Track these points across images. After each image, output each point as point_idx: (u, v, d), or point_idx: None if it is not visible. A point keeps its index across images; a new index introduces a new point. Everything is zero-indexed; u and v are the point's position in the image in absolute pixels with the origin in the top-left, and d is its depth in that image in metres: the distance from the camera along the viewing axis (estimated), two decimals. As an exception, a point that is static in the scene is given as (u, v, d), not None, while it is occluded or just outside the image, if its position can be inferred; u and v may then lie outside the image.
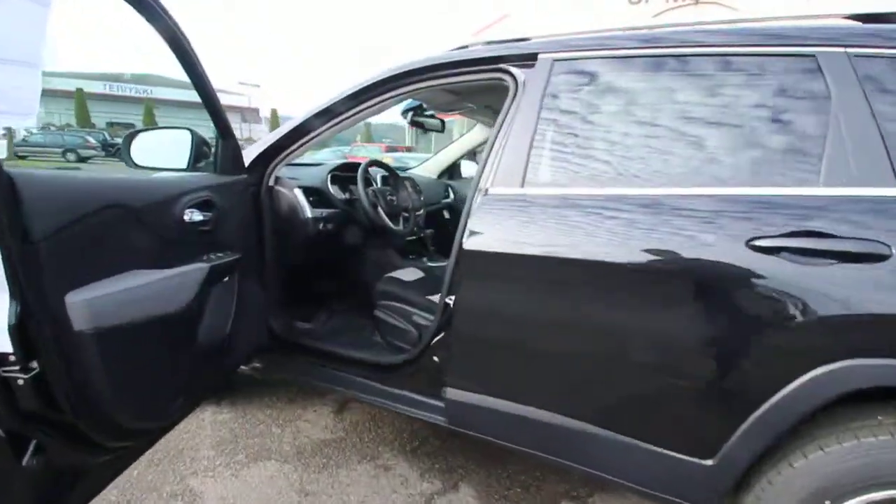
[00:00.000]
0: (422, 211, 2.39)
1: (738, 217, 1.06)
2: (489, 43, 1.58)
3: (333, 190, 2.08)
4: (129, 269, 1.08)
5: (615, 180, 1.24)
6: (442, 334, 1.48)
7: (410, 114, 2.24)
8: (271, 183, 1.82)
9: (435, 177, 3.18)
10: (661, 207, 1.13)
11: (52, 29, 0.83)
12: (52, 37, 0.84)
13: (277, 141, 1.74)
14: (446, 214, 3.10)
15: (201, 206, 1.35)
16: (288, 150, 1.76)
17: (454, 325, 1.40)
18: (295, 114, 1.87)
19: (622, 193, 1.20)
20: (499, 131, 1.42)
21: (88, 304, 0.96)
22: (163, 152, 1.53)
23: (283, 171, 1.86)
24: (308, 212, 1.88)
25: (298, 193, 1.88)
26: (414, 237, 2.45)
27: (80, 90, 31.44)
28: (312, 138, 1.74)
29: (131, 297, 1.05)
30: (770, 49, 1.14)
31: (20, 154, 18.36)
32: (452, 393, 1.44)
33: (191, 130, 1.52)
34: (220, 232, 1.44)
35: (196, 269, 1.26)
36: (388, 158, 11.76)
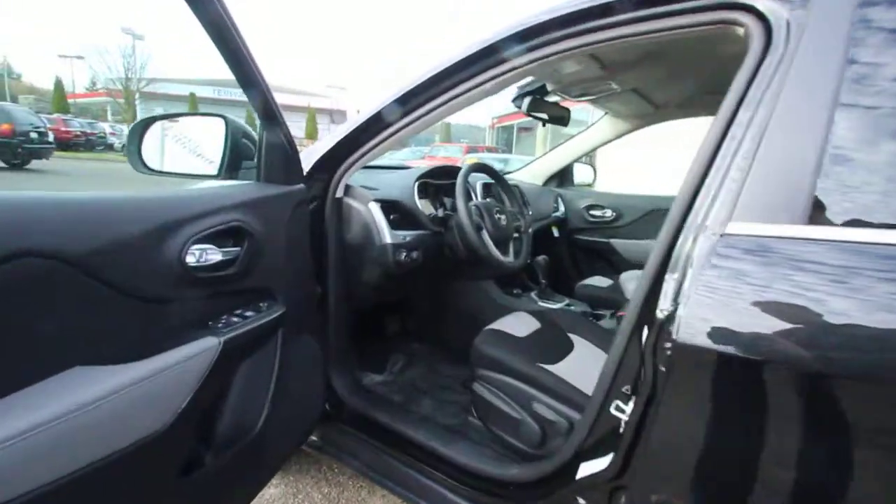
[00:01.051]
0: (530, 230, 1.75)
1: None
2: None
3: (422, 205, 1.52)
4: (61, 367, 0.58)
5: None
6: (611, 454, 0.85)
7: (528, 100, 1.62)
8: (340, 194, 1.31)
9: (541, 183, 2.53)
10: None
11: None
12: None
13: (350, 134, 1.21)
14: (555, 232, 2.44)
15: (222, 237, 0.84)
16: (364, 149, 1.23)
17: (652, 455, 0.77)
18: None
19: None
20: (732, 118, 0.75)
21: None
22: (183, 151, 1.06)
23: (356, 177, 1.34)
24: (387, 235, 1.34)
25: (375, 210, 1.34)
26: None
27: (192, 94, 34.85)
28: (395, 132, 1.19)
29: (57, 437, 0.54)
30: None
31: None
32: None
33: (225, 118, 1.03)
34: (256, 274, 0.93)
35: (196, 354, 0.74)
36: (473, 159, 11.25)
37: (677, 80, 1.61)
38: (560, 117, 1.76)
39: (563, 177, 2.57)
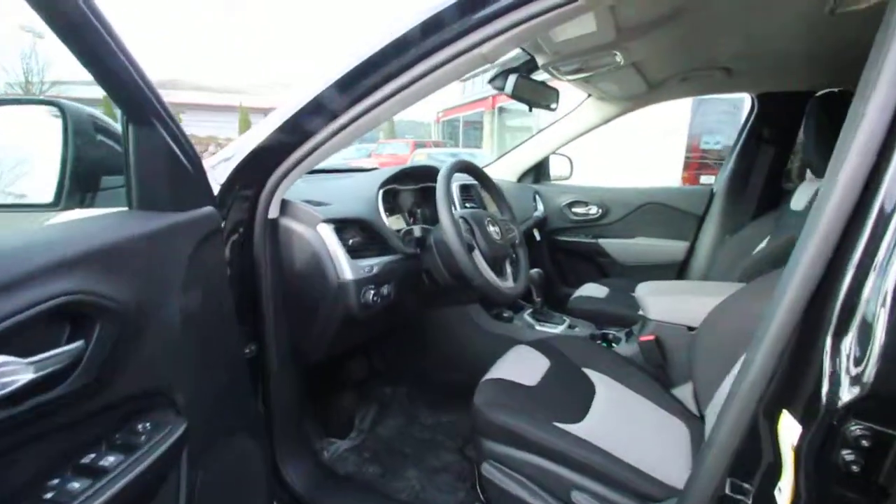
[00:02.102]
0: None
1: None
2: None
3: (390, 221, 1.15)
4: None
5: None
6: None
7: (513, 79, 1.28)
8: (274, 213, 0.91)
9: (515, 180, 2.22)
10: None
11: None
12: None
13: (281, 130, 0.82)
14: (536, 235, 2.14)
15: (39, 329, 0.44)
16: (303, 150, 0.84)
17: None
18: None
19: None
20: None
21: None
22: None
23: (296, 188, 0.94)
24: (347, 269, 0.96)
25: (327, 234, 0.96)
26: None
27: (106, 98, 31.66)
28: (345, 125, 0.82)
29: None
30: None
31: None
32: None
33: (61, 106, 0.61)
34: (126, 377, 0.53)
35: None
36: (422, 156, 10.77)
37: (693, 48, 1.34)
38: (548, 100, 1.44)
39: (538, 171, 2.26)
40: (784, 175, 1.74)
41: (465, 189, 1.47)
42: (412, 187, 1.29)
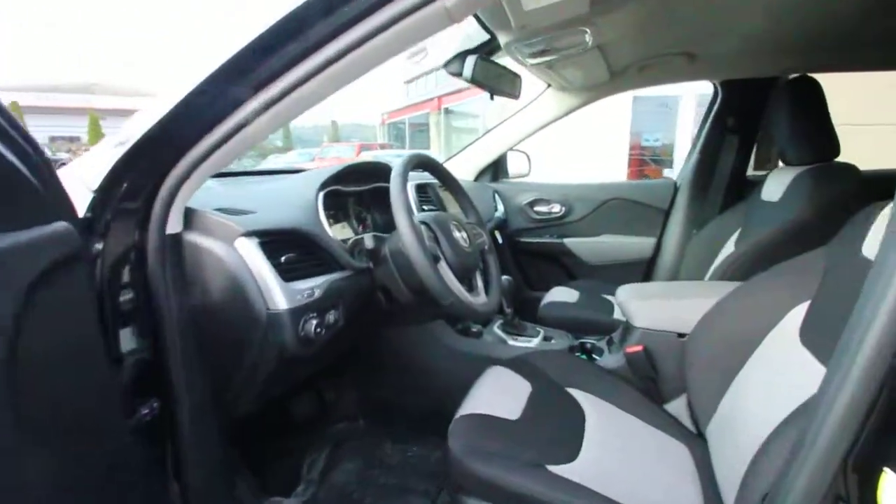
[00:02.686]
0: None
1: None
2: None
3: (335, 231, 0.94)
4: None
5: None
6: None
7: (472, 61, 1.11)
8: (176, 227, 0.68)
9: (472, 179, 2.05)
10: None
11: None
12: None
13: (174, 120, 0.59)
14: (498, 238, 1.98)
15: None
16: (207, 144, 0.61)
17: None
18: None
19: None
20: None
21: None
22: None
23: (204, 192, 0.71)
24: (279, 296, 0.74)
25: (249, 251, 0.73)
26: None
27: (14, 103, 28.51)
28: (264, 108, 0.60)
29: None
30: None
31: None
32: None
33: None
34: None
35: None
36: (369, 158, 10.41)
37: (661, 29, 1.23)
38: (511, 86, 1.28)
39: (496, 169, 2.11)
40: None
41: (421, 189, 1.28)
42: (359, 188, 1.08)
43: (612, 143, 6.52)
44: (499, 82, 1.25)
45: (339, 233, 0.98)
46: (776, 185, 1.34)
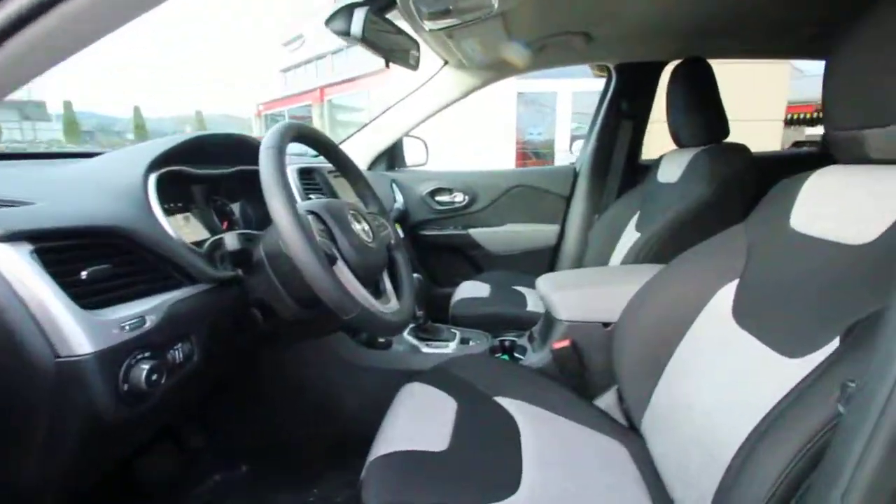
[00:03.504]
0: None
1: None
2: None
3: (180, 230, 0.66)
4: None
5: None
6: None
7: (360, 16, 0.89)
8: None
9: (366, 167, 1.83)
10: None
11: None
12: None
13: None
14: (399, 231, 1.79)
15: None
16: None
17: None
18: (101, 108, 0.39)
19: None
20: None
21: None
22: None
23: None
24: (77, 336, 0.46)
25: (16, 265, 0.44)
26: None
27: None
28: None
29: None
30: None
31: None
32: None
33: None
34: None
35: None
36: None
37: (568, 5, 1.14)
38: (407, 52, 1.09)
39: (392, 157, 1.91)
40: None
41: (305, 174, 1.03)
42: (216, 172, 0.81)
43: (500, 137, 6.72)
44: (394, 45, 1.05)
45: (186, 232, 0.70)
46: (672, 166, 1.36)
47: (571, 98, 6.54)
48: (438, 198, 1.88)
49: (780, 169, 0.90)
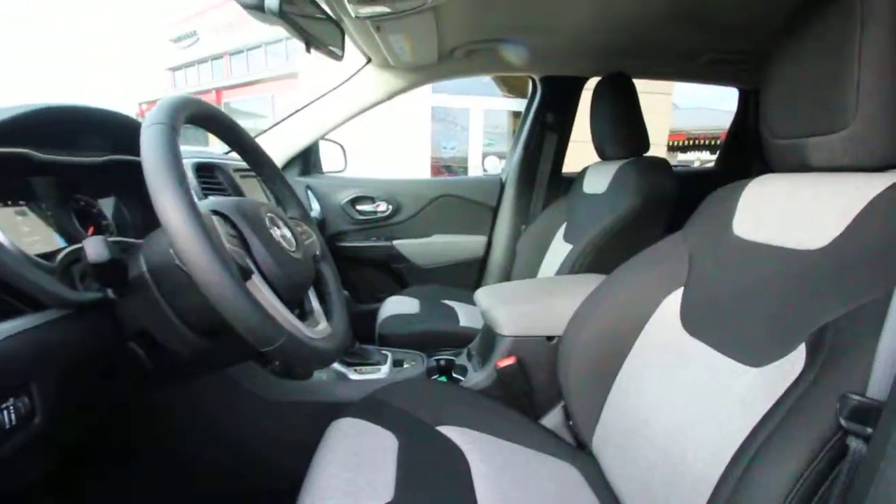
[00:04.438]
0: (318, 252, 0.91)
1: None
2: None
3: (19, 237, 0.46)
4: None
5: None
6: None
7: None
8: None
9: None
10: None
11: None
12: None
13: None
14: (316, 243, 1.61)
15: None
16: None
17: None
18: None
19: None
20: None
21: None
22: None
23: None
24: None
25: None
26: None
27: None
28: None
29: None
30: None
31: None
32: None
33: None
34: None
35: None
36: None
37: (494, 9, 1.11)
38: (330, 37, 0.97)
39: (307, 161, 1.74)
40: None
41: (204, 171, 0.85)
42: (76, 159, 0.60)
43: (415, 151, 6.69)
44: (315, 27, 0.92)
45: (29, 241, 0.50)
46: (598, 177, 1.39)
47: (483, 115, 6.74)
48: (360, 206, 1.74)
49: (693, 183, 0.94)
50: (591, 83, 1.43)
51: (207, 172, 0.85)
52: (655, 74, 1.62)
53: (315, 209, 1.64)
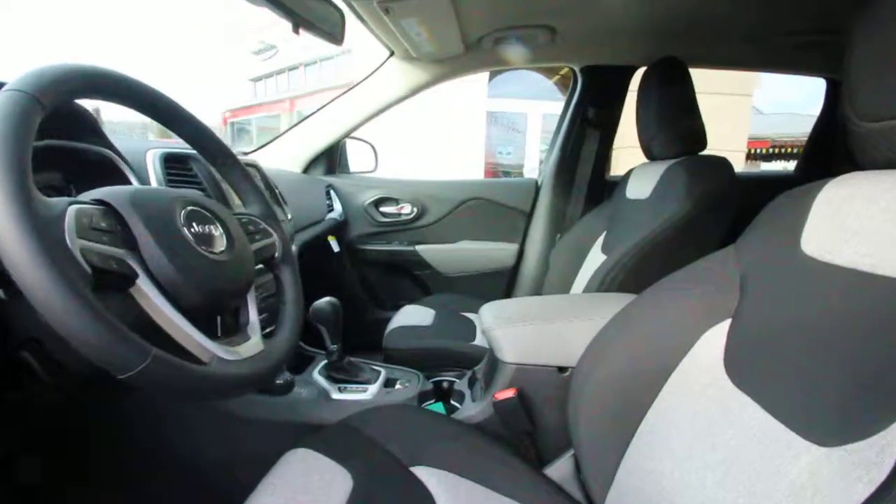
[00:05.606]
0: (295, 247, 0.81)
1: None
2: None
3: None
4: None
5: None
6: None
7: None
8: None
9: (300, 170, 1.59)
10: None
11: None
12: None
13: None
14: (334, 245, 1.54)
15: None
16: None
17: None
18: None
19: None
20: None
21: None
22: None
23: None
24: None
25: None
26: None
27: None
28: None
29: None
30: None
31: None
32: None
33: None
34: None
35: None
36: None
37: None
38: (329, 21, 0.88)
39: (331, 160, 1.68)
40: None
41: (174, 162, 0.79)
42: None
43: (468, 156, 6.61)
44: (311, 10, 0.83)
45: None
46: (642, 181, 1.19)
47: (541, 120, 6.51)
48: (383, 208, 1.65)
49: (763, 190, 0.73)
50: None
51: (179, 164, 0.79)
52: (716, 62, 1.38)
53: (337, 210, 1.58)
